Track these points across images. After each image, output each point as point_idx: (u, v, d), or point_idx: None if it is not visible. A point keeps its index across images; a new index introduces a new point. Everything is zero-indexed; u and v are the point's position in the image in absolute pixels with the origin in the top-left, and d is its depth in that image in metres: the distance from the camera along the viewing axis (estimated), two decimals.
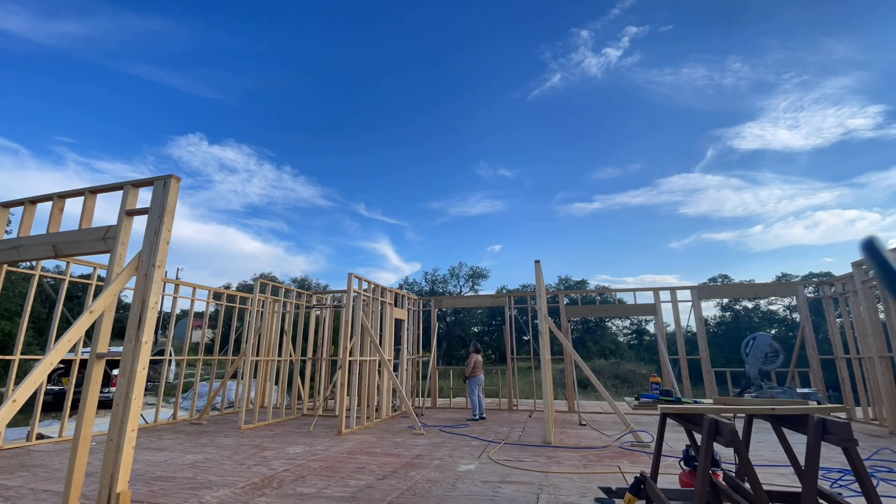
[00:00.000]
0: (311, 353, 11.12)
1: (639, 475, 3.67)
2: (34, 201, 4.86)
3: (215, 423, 9.27)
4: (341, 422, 7.85)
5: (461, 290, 44.31)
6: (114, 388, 11.68)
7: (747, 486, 3.05)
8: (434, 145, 72.71)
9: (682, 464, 3.89)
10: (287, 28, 73.44)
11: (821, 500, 2.76)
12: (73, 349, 7.85)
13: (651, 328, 39.53)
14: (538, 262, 8.07)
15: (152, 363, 12.60)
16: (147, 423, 8.88)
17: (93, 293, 7.76)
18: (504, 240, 68.27)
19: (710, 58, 65.20)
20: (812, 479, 2.49)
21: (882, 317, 8.27)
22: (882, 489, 4.41)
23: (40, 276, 7.16)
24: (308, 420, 9.35)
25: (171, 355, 9.85)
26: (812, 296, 10.84)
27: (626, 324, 44.15)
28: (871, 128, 55.50)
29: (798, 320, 11.86)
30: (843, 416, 8.75)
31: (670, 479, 4.65)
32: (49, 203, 4.71)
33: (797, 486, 3.40)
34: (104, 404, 9.57)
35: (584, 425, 8.51)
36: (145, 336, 3.76)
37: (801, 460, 2.83)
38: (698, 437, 2.98)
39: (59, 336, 4.95)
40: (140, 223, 4.20)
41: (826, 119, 58.09)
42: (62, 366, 12.64)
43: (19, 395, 3.21)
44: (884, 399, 7.75)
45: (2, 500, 4.23)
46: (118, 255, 4.04)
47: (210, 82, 76.53)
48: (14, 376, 6.77)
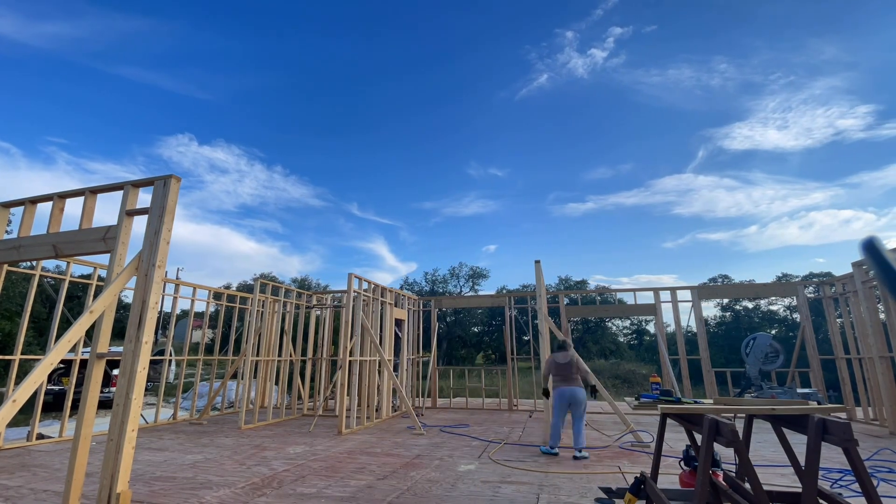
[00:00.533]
0: (311, 353, 11.13)
1: (639, 475, 3.67)
2: (34, 201, 4.86)
3: (215, 423, 9.27)
4: (341, 422, 7.85)
5: (461, 291, 44.32)
6: (114, 388, 11.68)
7: (747, 486, 3.05)
8: (424, 146, 72.99)
9: (682, 464, 3.89)
10: (274, 29, 73.65)
11: (821, 501, 2.76)
12: (74, 349, 7.85)
13: (651, 328, 39.56)
14: (538, 262, 8.07)
15: (152, 363, 12.60)
16: (147, 423, 8.88)
17: (93, 293, 7.76)
18: (499, 240, 68.43)
19: (695, 58, 65.78)
20: (812, 479, 2.49)
21: (882, 317, 8.26)
22: (882, 489, 4.40)
23: (40, 276, 7.16)
24: (308, 420, 9.35)
25: (171, 355, 9.85)
26: (812, 296, 10.83)
27: (627, 324, 44.15)
28: (862, 128, 55.78)
29: (798, 320, 11.86)
30: (843, 416, 8.74)
31: (670, 479, 4.65)
32: (49, 203, 4.72)
33: (797, 486, 3.39)
34: (104, 404, 9.57)
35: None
36: (145, 336, 3.76)
37: (802, 460, 2.83)
38: (698, 438, 2.98)
39: (59, 336, 4.95)
40: (140, 223, 4.20)
41: (815, 119, 58.35)
42: (62, 366, 12.64)
43: (19, 395, 3.21)
44: (884, 399, 7.75)
45: (2, 500, 4.23)
46: (118, 255, 4.04)
47: (197, 82, 76.61)
48: (14, 376, 6.77)
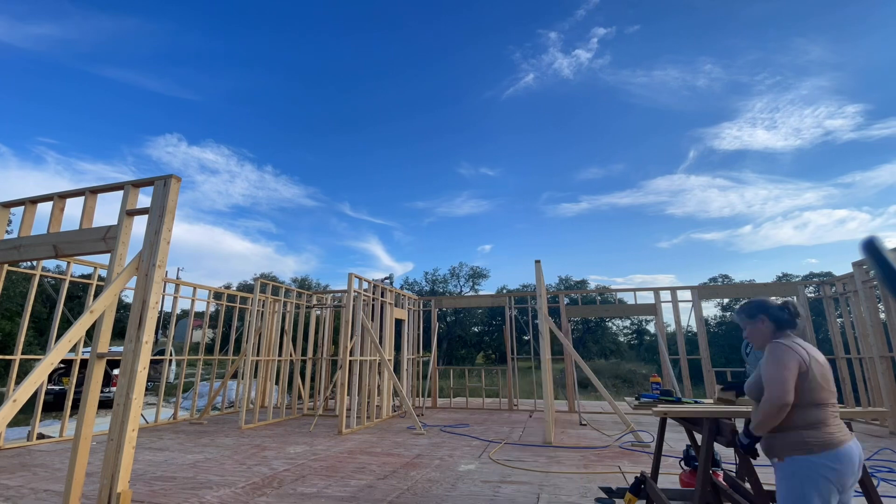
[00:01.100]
0: (311, 353, 11.13)
1: (639, 475, 3.67)
2: (34, 201, 4.86)
3: (215, 422, 9.27)
4: (342, 422, 7.86)
5: (461, 290, 44.32)
6: (114, 388, 11.69)
7: (747, 485, 3.05)
8: (413, 146, 72.85)
9: (682, 464, 3.90)
10: (261, 29, 73.41)
11: None
12: (74, 349, 7.86)
13: (651, 328, 39.56)
14: (538, 262, 8.07)
15: (153, 363, 12.61)
16: (147, 422, 8.89)
17: (93, 293, 7.76)
18: (494, 240, 68.47)
19: (680, 59, 66.06)
20: None
21: (882, 317, 8.26)
22: (882, 489, 4.40)
23: (41, 276, 7.16)
24: (308, 420, 9.36)
25: (171, 355, 9.86)
26: (812, 296, 10.83)
27: (627, 324, 44.12)
28: (853, 128, 55.98)
29: None
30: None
31: (670, 479, 4.65)
32: (49, 203, 4.72)
33: None
34: (105, 404, 9.56)
35: (585, 425, 8.51)
36: (146, 336, 3.76)
37: None
38: (698, 437, 2.98)
39: (59, 336, 4.95)
40: (140, 223, 4.20)
41: (804, 119, 58.47)
42: (63, 366, 12.65)
43: (20, 395, 3.21)
44: (884, 399, 7.74)
45: (2, 500, 4.23)
46: (118, 255, 4.05)
47: (184, 83, 76.29)
48: (14, 376, 6.78)
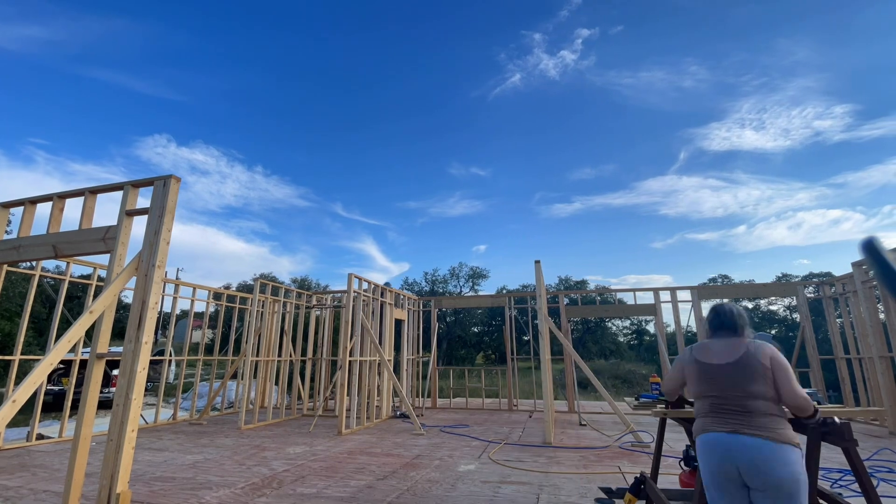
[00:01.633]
0: (311, 354, 11.13)
1: (639, 475, 3.67)
2: (34, 201, 4.86)
3: (215, 423, 9.27)
4: (341, 422, 7.85)
5: (461, 291, 44.29)
6: (114, 389, 11.68)
7: None
8: (403, 146, 72.33)
9: (682, 464, 3.89)
10: (248, 29, 72.95)
11: (821, 500, 2.76)
12: (73, 349, 7.85)
13: (651, 328, 39.54)
14: (538, 262, 8.07)
15: (152, 363, 12.60)
16: (147, 423, 8.88)
17: (93, 293, 7.76)
18: (489, 240, 68.20)
19: (666, 60, 66.17)
20: (812, 478, 2.49)
21: (882, 317, 8.26)
22: (882, 489, 4.40)
23: (40, 276, 7.16)
24: (308, 420, 9.35)
25: (171, 355, 9.85)
26: (812, 296, 10.83)
27: (626, 324, 44.11)
28: (843, 129, 56.06)
29: (798, 320, 11.86)
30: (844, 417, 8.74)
31: (670, 479, 4.65)
32: (49, 203, 4.72)
33: None
34: (104, 404, 9.56)
35: (585, 425, 8.51)
36: (145, 336, 3.75)
37: None
38: None
39: (59, 336, 4.95)
40: (140, 223, 4.20)
41: (792, 120, 58.45)
42: (62, 366, 12.63)
43: (19, 396, 3.21)
44: (884, 399, 7.74)
45: (2, 501, 4.23)
46: (118, 255, 4.04)
47: (171, 83, 75.81)
48: (14, 376, 6.77)
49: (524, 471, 5.24)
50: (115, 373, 13.25)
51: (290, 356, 10.34)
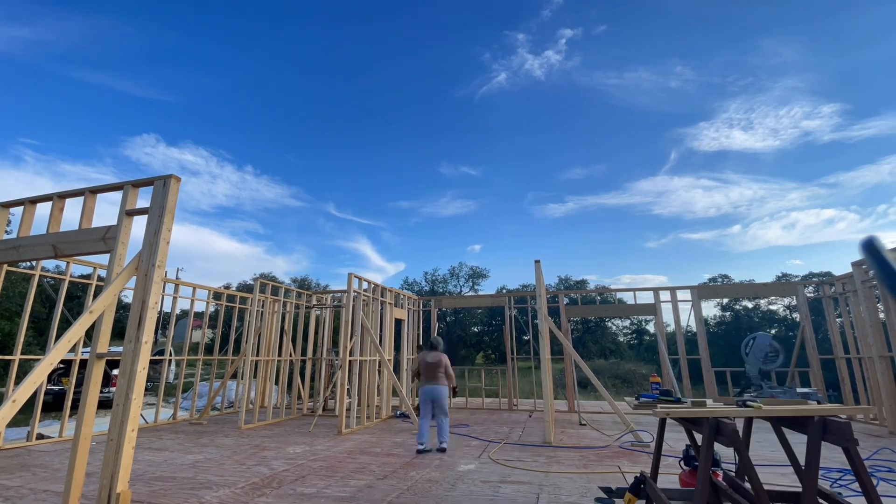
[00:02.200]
0: (311, 353, 11.13)
1: (639, 475, 3.67)
2: (34, 201, 4.86)
3: (215, 423, 9.27)
4: (341, 422, 7.85)
5: (461, 290, 44.32)
6: (114, 388, 11.67)
7: (747, 485, 3.05)
8: (393, 145, 72.27)
9: (682, 464, 3.90)
10: (235, 30, 72.55)
11: (821, 500, 2.76)
12: (73, 349, 7.85)
13: (651, 328, 39.55)
14: (538, 262, 8.07)
15: (152, 363, 12.59)
16: (147, 423, 8.88)
17: (93, 293, 7.76)
18: (484, 240, 68.03)
19: (651, 60, 66.23)
20: (812, 478, 2.49)
21: (882, 317, 8.27)
22: (882, 489, 4.41)
23: (40, 276, 7.16)
24: (308, 420, 9.35)
25: (171, 355, 9.85)
26: (812, 296, 10.83)
27: (626, 324, 44.11)
28: (832, 129, 56.09)
29: (798, 320, 11.87)
30: (842, 415, 8.75)
31: (670, 478, 4.65)
32: (49, 203, 4.72)
33: (797, 486, 3.40)
34: (104, 404, 9.55)
35: (585, 425, 8.51)
36: (145, 336, 3.75)
37: (801, 460, 2.83)
38: (698, 437, 2.98)
39: (59, 336, 4.95)
40: (140, 223, 4.20)
41: (780, 120, 58.40)
42: (62, 366, 12.64)
43: (19, 395, 3.21)
44: (884, 399, 7.75)
45: (2, 501, 4.23)
46: (118, 255, 4.04)
47: (158, 84, 75.36)
48: (14, 376, 6.77)
49: (524, 470, 5.24)
50: (115, 372, 13.25)
51: (290, 356, 10.34)
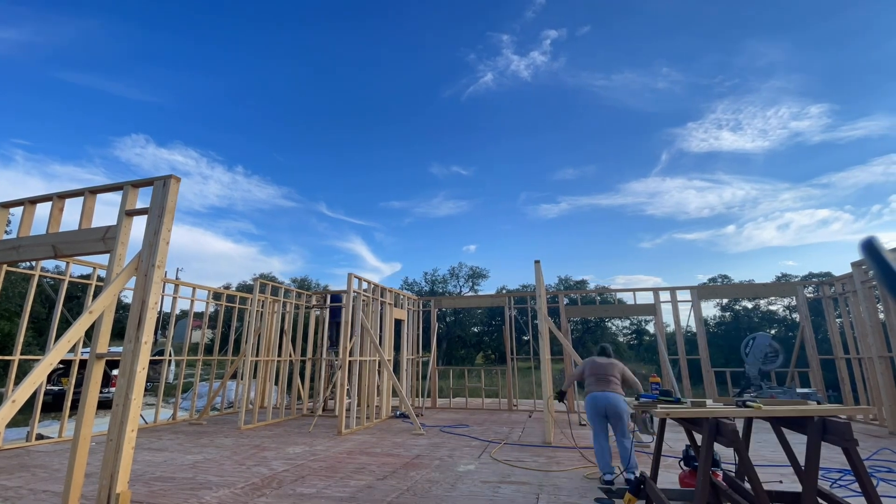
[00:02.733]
0: (310, 353, 11.12)
1: (639, 475, 3.67)
2: (34, 201, 4.86)
3: (215, 423, 9.26)
4: (341, 422, 7.85)
5: (461, 291, 44.29)
6: (114, 389, 11.67)
7: (747, 485, 3.05)
8: (383, 145, 71.97)
9: (682, 464, 3.90)
10: (221, 30, 72.14)
11: (821, 500, 2.76)
12: (73, 349, 7.84)
13: (651, 328, 39.54)
14: (538, 262, 8.07)
15: (152, 363, 12.59)
16: (147, 423, 8.88)
17: (93, 293, 7.76)
18: (478, 240, 67.70)
19: (637, 61, 66.07)
20: (812, 479, 2.49)
21: (882, 317, 8.27)
22: (882, 489, 4.41)
23: (40, 276, 7.15)
24: (308, 420, 9.35)
25: (170, 355, 9.84)
26: (812, 296, 10.84)
27: (626, 324, 44.11)
28: (822, 129, 55.97)
29: (798, 320, 11.87)
30: (842, 416, 8.75)
31: (670, 479, 4.65)
32: (49, 203, 4.72)
33: (797, 487, 3.40)
34: (104, 404, 9.56)
35: (585, 425, 8.51)
36: (145, 336, 3.75)
37: (801, 460, 2.83)
38: (698, 438, 2.98)
39: (58, 336, 4.95)
40: (140, 223, 4.20)
41: (768, 121, 58.18)
42: (62, 366, 12.63)
43: (19, 396, 3.20)
44: (884, 399, 7.75)
45: (1, 501, 4.23)
46: (118, 255, 4.04)
47: (144, 84, 74.96)
48: (14, 376, 6.76)
49: (524, 470, 5.24)
50: (115, 373, 13.25)
51: (290, 356, 10.34)
